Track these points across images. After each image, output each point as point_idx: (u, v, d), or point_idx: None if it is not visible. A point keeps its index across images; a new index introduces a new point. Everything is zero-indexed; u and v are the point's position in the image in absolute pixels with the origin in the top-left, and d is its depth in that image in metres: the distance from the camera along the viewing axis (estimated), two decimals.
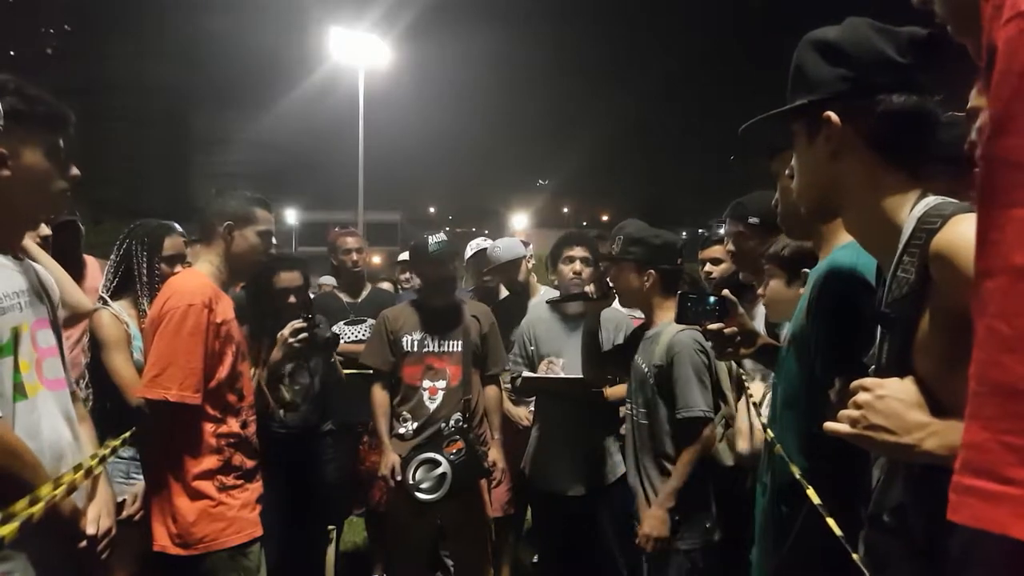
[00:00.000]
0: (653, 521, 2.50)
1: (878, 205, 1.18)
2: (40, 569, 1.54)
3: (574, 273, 3.31)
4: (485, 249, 4.10)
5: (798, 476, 1.50)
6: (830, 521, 1.38)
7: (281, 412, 3.14)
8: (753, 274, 2.82)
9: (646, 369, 2.64)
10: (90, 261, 3.18)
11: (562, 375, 3.24)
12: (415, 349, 3.17)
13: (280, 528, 3.12)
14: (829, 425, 1.11)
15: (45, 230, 2.71)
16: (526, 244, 4.32)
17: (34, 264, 1.79)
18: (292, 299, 3.16)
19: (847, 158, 1.20)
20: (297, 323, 2.97)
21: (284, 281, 3.16)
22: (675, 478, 2.52)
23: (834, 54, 1.21)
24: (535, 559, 4.00)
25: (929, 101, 1.18)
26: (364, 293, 4.18)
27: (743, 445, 2.45)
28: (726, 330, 1.92)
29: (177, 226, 2.92)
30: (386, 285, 5.16)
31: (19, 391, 1.55)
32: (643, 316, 2.86)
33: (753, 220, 2.53)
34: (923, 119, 1.18)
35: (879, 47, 1.18)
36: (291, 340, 2.94)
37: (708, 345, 2.31)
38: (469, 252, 4.24)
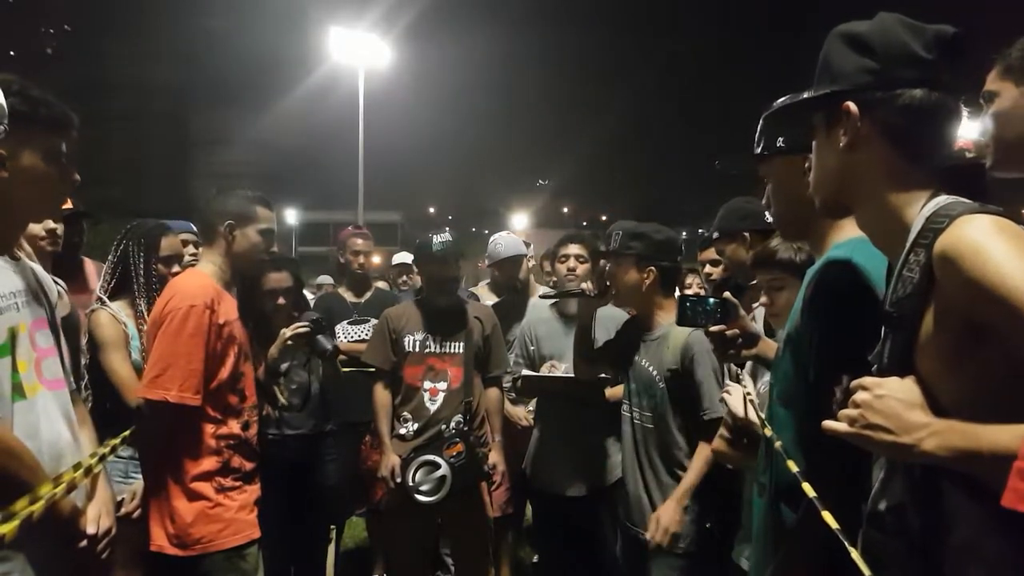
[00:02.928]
0: (671, 514, 2.44)
1: (890, 201, 1.18)
2: (39, 569, 1.54)
3: (568, 270, 3.35)
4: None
5: (795, 471, 1.49)
6: (826, 515, 1.37)
7: (276, 413, 3.13)
8: (748, 278, 2.85)
9: (654, 372, 2.58)
10: (87, 263, 3.18)
11: (561, 375, 3.25)
12: (417, 349, 3.17)
13: (282, 528, 3.13)
14: (828, 424, 1.11)
15: (51, 224, 2.71)
16: (527, 244, 4.32)
17: (32, 264, 1.78)
18: (281, 300, 3.14)
19: (864, 151, 1.19)
20: (302, 328, 2.91)
21: (273, 282, 3.14)
22: (693, 473, 2.48)
23: (861, 46, 1.20)
24: (535, 559, 4.00)
25: (950, 100, 1.17)
26: (368, 294, 4.22)
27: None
28: (728, 332, 1.92)
29: (182, 224, 2.92)
30: (380, 284, 5.17)
31: (17, 391, 1.54)
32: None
33: (715, 236, 2.86)
34: (942, 116, 1.17)
35: (905, 42, 1.17)
36: (288, 338, 2.88)
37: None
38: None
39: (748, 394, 2.25)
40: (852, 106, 1.19)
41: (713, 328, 1.93)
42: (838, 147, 1.22)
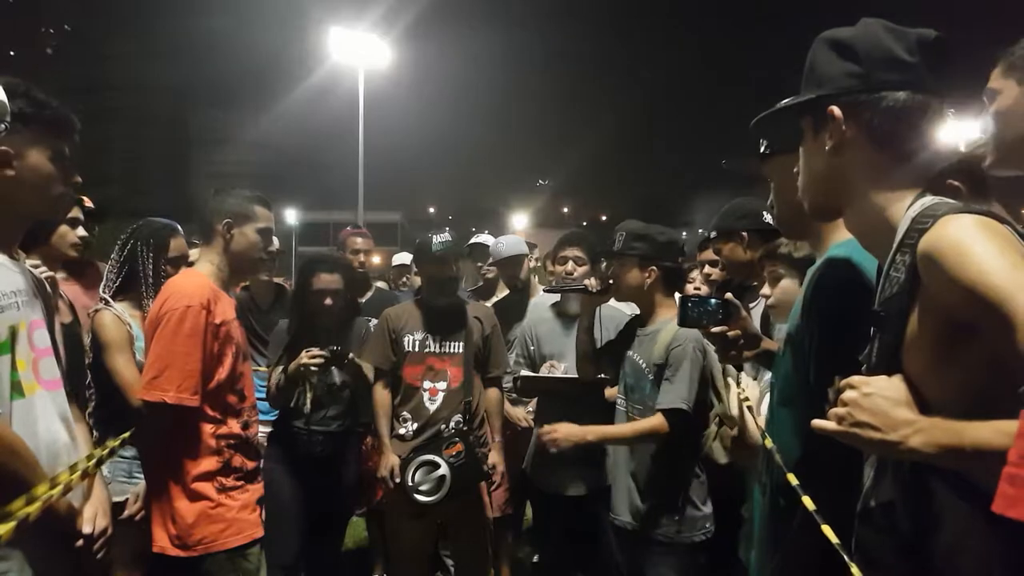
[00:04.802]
0: (573, 431, 2.63)
1: (877, 202, 1.19)
2: (36, 569, 1.54)
3: (566, 274, 3.36)
4: (484, 243, 4.12)
5: (794, 484, 1.50)
6: (826, 529, 1.38)
7: (306, 408, 3.15)
8: (745, 277, 2.87)
9: (644, 366, 2.64)
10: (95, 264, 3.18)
11: (560, 375, 3.24)
12: (416, 349, 3.16)
13: (302, 524, 3.18)
14: (817, 422, 1.12)
15: (83, 231, 2.74)
16: (532, 245, 4.33)
17: (29, 263, 1.79)
18: (328, 301, 3.18)
19: (849, 154, 1.21)
20: (318, 355, 2.99)
21: (323, 283, 3.19)
22: (619, 432, 2.65)
23: (845, 51, 1.23)
24: (535, 559, 4.00)
25: (934, 101, 1.19)
26: (368, 293, 4.23)
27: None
28: (729, 333, 1.91)
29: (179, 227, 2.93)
30: (380, 284, 5.18)
31: (16, 389, 1.55)
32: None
33: (713, 235, 2.85)
34: (926, 118, 1.18)
35: (888, 45, 1.19)
36: (302, 363, 2.98)
37: (709, 345, 2.32)
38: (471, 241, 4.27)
39: (745, 400, 2.26)
40: (836, 110, 1.21)
41: (715, 329, 1.92)
42: (824, 150, 1.24)
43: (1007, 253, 0.97)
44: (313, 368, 2.99)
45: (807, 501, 1.45)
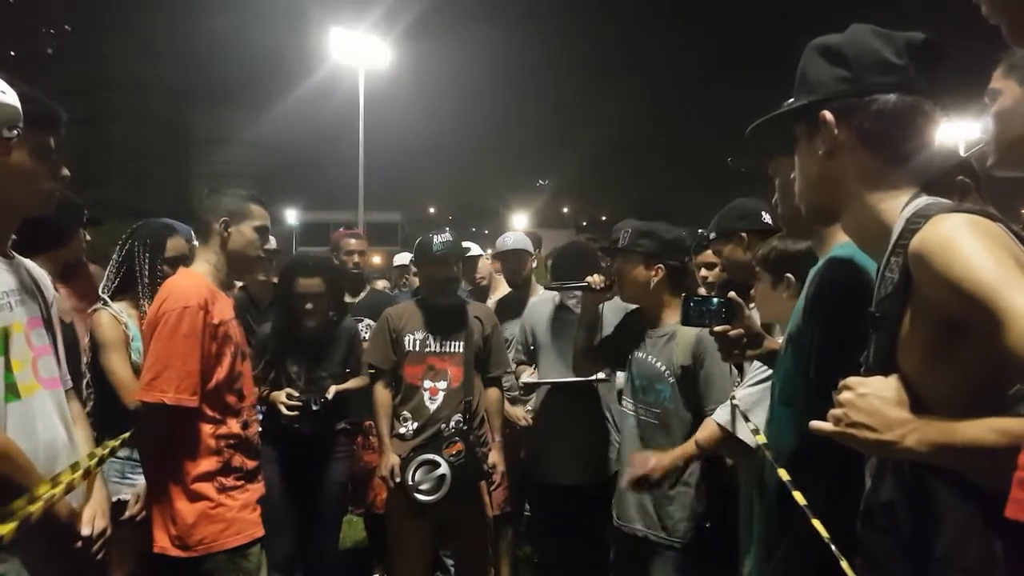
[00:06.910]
0: (666, 460, 2.39)
1: (872, 205, 1.20)
2: (34, 570, 1.54)
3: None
4: (474, 255, 4.13)
5: (786, 479, 1.50)
6: (816, 523, 1.38)
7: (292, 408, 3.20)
8: (745, 278, 2.85)
9: (663, 368, 2.59)
10: (90, 266, 3.18)
11: (555, 379, 3.25)
12: (417, 348, 3.17)
13: (296, 521, 3.21)
14: (814, 424, 1.13)
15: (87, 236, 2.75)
16: (537, 238, 4.32)
17: (26, 263, 1.78)
18: (309, 305, 3.20)
19: (842, 157, 1.22)
20: (295, 404, 3.14)
21: (303, 287, 3.21)
22: (695, 445, 2.42)
23: (834, 57, 1.24)
24: (535, 559, 4.00)
25: (925, 102, 1.20)
26: (363, 294, 4.23)
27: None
28: (732, 332, 1.91)
29: (182, 226, 2.93)
30: (380, 284, 5.19)
31: (11, 391, 1.54)
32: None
33: (712, 236, 2.83)
34: (918, 119, 1.19)
35: (876, 49, 1.21)
36: (278, 403, 3.15)
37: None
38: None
39: (733, 398, 2.26)
40: (828, 115, 1.22)
41: (717, 328, 1.92)
42: (818, 155, 1.25)
43: (993, 250, 0.98)
44: (286, 411, 3.12)
45: (798, 496, 1.45)
